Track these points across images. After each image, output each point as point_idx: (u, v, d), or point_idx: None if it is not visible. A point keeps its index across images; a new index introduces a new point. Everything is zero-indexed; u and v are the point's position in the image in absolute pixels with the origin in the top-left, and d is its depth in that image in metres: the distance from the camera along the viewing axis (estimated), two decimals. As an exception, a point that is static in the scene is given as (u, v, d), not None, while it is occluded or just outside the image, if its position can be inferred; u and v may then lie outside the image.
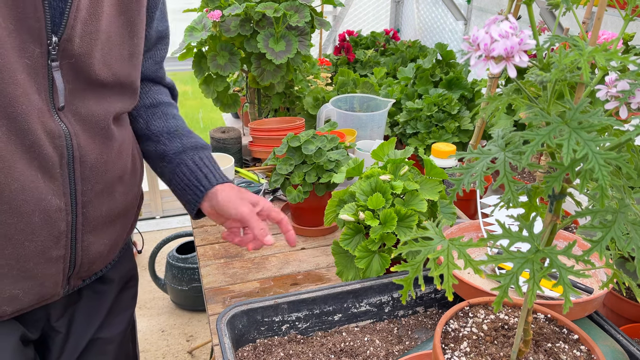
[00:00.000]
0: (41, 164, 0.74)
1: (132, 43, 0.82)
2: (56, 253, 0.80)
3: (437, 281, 0.49)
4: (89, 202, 0.82)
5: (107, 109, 0.81)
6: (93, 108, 0.79)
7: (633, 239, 0.43)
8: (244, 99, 1.79)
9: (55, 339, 0.94)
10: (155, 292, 2.58)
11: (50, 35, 0.70)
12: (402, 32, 3.64)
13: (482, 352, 0.58)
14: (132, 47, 0.83)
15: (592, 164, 0.38)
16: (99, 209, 0.84)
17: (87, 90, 0.78)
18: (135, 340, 1.15)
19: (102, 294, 1.00)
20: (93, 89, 0.79)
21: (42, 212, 0.76)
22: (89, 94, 0.78)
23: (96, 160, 0.81)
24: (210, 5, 1.54)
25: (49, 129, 0.73)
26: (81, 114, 0.78)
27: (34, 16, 0.68)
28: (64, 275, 0.84)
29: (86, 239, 0.84)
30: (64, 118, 0.76)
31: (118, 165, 0.86)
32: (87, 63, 0.75)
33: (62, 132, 0.75)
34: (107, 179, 0.84)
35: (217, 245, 1.18)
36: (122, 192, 0.90)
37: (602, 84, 0.45)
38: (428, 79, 1.69)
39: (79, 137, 0.77)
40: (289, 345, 0.85)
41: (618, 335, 0.78)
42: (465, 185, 0.46)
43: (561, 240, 0.97)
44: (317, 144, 1.15)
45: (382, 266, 0.91)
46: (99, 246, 0.87)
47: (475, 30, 0.43)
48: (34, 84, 0.71)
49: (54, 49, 0.71)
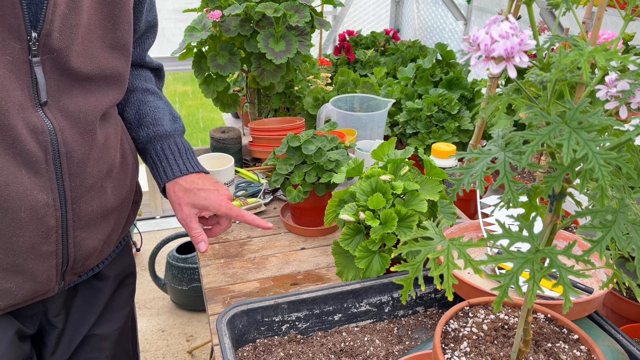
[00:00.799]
0: (25, 159, 0.74)
1: (115, 35, 0.82)
2: (47, 249, 0.80)
3: (437, 281, 0.49)
4: (79, 197, 0.82)
5: (95, 104, 0.81)
6: (81, 104, 0.79)
7: (633, 239, 0.43)
8: (244, 99, 1.79)
9: (51, 334, 0.95)
10: (155, 292, 2.58)
11: (30, 31, 0.70)
12: (402, 32, 3.64)
13: (482, 352, 0.58)
14: (116, 39, 0.82)
15: (592, 164, 0.39)
16: (89, 205, 0.84)
17: (73, 86, 0.78)
18: (135, 339, 1.15)
19: (98, 290, 1.00)
20: (79, 84, 0.79)
21: (29, 208, 0.76)
22: (75, 89, 0.79)
23: (84, 156, 0.81)
24: (210, 5, 1.54)
25: (31, 124, 0.73)
26: (68, 110, 0.78)
27: (12, 12, 0.68)
28: (58, 271, 0.84)
29: (78, 235, 0.84)
30: (49, 114, 0.76)
31: (105, 159, 0.86)
32: (68, 57, 0.75)
33: (46, 127, 0.75)
34: (96, 174, 0.84)
35: (217, 245, 1.18)
36: (113, 187, 0.90)
37: (602, 84, 0.45)
38: (428, 79, 1.69)
39: (65, 133, 0.77)
40: (289, 345, 0.85)
41: (618, 335, 0.78)
42: (465, 185, 0.46)
43: (561, 240, 0.97)
44: (317, 144, 1.15)
45: (382, 266, 0.91)
46: (92, 242, 0.87)
47: (475, 31, 0.43)
48: (16, 80, 0.71)
49: (34, 45, 0.71)
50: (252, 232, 1.23)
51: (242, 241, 1.20)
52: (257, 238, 1.21)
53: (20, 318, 0.88)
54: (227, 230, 1.23)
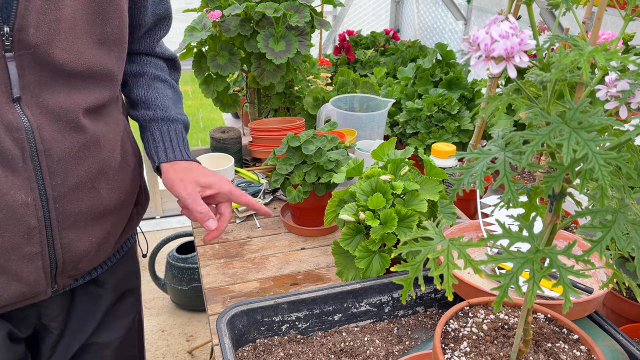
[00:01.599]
0: (0, 157, 0.72)
1: (105, 31, 0.80)
2: (30, 250, 0.78)
3: (437, 281, 0.49)
4: (62, 197, 0.79)
5: (79, 100, 0.79)
6: (62, 100, 0.77)
7: (633, 239, 0.43)
8: (244, 99, 1.79)
9: (46, 339, 0.93)
10: (155, 292, 2.58)
11: (2, 25, 0.69)
12: (402, 32, 3.64)
13: (482, 352, 0.58)
14: (105, 35, 0.80)
15: (592, 164, 0.39)
16: (76, 205, 0.82)
17: (56, 81, 0.76)
18: (141, 343, 1.13)
19: (98, 297, 0.98)
20: (63, 80, 0.76)
21: (6, 208, 0.74)
22: (58, 85, 0.76)
23: (65, 154, 0.78)
24: (210, 5, 1.54)
25: (6, 121, 0.72)
26: (48, 107, 0.75)
27: None
28: (47, 274, 0.82)
29: (65, 236, 0.81)
30: (26, 110, 0.74)
31: (96, 159, 0.83)
32: (49, 53, 0.73)
33: (22, 125, 0.73)
34: (82, 173, 0.81)
35: (217, 245, 1.18)
36: (109, 188, 0.87)
37: (602, 84, 0.45)
38: (428, 79, 1.69)
39: (43, 130, 0.75)
40: (289, 345, 0.85)
41: (618, 335, 0.78)
42: (465, 185, 0.46)
43: (561, 240, 0.97)
44: (317, 144, 1.15)
45: (382, 266, 0.91)
46: (83, 244, 0.84)
47: (475, 31, 0.43)
48: None
49: (7, 40, 0.69)
50: (252, 232, 1.23)
51: (242, 241, 1.20)
52: (257, 238, 1.21)
53: (11, 320, 0.86)
54: (227, 231, 1.23)
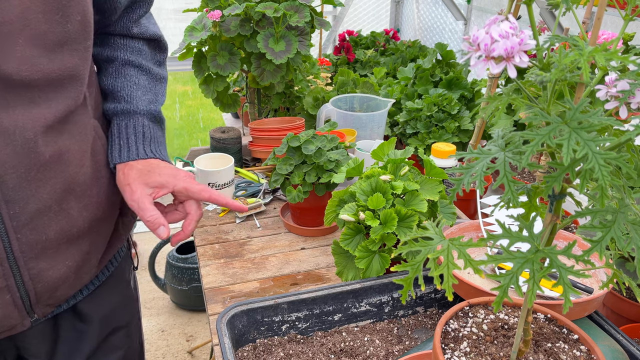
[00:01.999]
0: None
1: (66, 29, 0.69)
2: None
3: (437, 281, 0.49)
4: (23, 225, 0.71)
5: (38, 116, 0.69)
6: (19, 117, 0.67)
7: (633, 239, 0.43)
8: (244, 99, 1.79)
9: None
10: (155, 292, 2.58)
11: None
12: (402, 32, 3.64)
13: (482, 352, 0.58)
14: (66, 34, 0.69)
15: (592, 164, 0.39)
16: (42, 232, 0.73)
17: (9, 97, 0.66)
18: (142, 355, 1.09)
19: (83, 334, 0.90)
20: (17, 94, 0.66)
21: None
22: (13, 101, 0.66)
23: (21, 179, 0.68)
24: (210, 5, 1.54)
25: None
26: (2, 126, 0.65)
27: None
28: (18, 307, 0.75)
29: (34, 267, 0.73)
30: None
31: (60, 178, 0.74)
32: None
33: None
34: (45, 197, 0.72)
35: (217, 245, 1.18)
36: (80, 207, 0.78)
37: (602, 84, 0.45)
38: (428, 79, 1.69)
39: None
40: (289, 345, 0.85)
41: (618, 335, 0.78)
42: (465, 185, 0.46)
43: (561, 240, 0.97)
44: (317, 144, 1.15)
45: (382, 266, 0.91)
46: (56, 272, 0.77)
47: (475, 31, 0.43)
48: None
49: None
50: (252, 232, 1.23)
51: (242, 241, 1.20)
52: (257, 238, 1.21)
53: None
54: (227, 231, 1.23)
